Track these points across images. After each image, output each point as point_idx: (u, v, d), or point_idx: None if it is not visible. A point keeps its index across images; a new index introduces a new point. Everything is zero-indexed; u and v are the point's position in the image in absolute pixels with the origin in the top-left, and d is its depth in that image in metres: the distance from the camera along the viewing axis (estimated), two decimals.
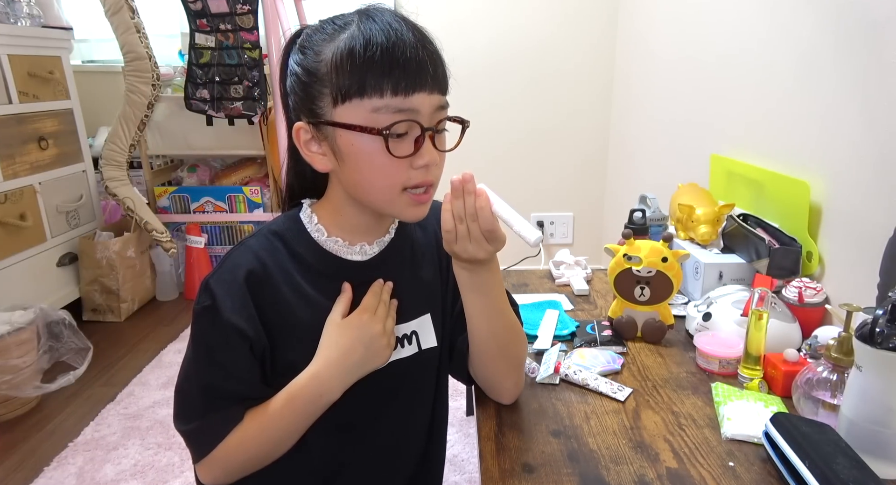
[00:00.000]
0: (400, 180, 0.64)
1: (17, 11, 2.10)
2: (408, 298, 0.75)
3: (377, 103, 0.61)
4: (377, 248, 0.73)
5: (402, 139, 0.63)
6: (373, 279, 0.73)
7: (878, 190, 0.92)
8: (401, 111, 0.61)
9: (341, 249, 0.71)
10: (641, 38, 2.14)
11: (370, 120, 0.61)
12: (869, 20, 0.94)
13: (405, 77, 0.61)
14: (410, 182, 0.65)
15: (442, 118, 0.66)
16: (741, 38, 1.38)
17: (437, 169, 0.67)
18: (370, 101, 0.61)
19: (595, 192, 2.65)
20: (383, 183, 0.65)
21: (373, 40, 0.60)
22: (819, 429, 0.65)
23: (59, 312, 1.88)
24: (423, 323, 0.76)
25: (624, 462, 0.68)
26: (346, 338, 0.67)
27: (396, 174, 0.64)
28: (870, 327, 0.62)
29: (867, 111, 0.95)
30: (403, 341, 0.75)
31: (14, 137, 2.02)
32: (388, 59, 0.60)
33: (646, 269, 0.95)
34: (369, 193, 0.67)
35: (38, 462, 1.54)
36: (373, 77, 0.60)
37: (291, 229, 0.72)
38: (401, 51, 0.60)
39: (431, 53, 0.63)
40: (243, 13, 2.27)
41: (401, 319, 0.74)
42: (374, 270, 0.73)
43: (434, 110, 0.64)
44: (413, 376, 0.76)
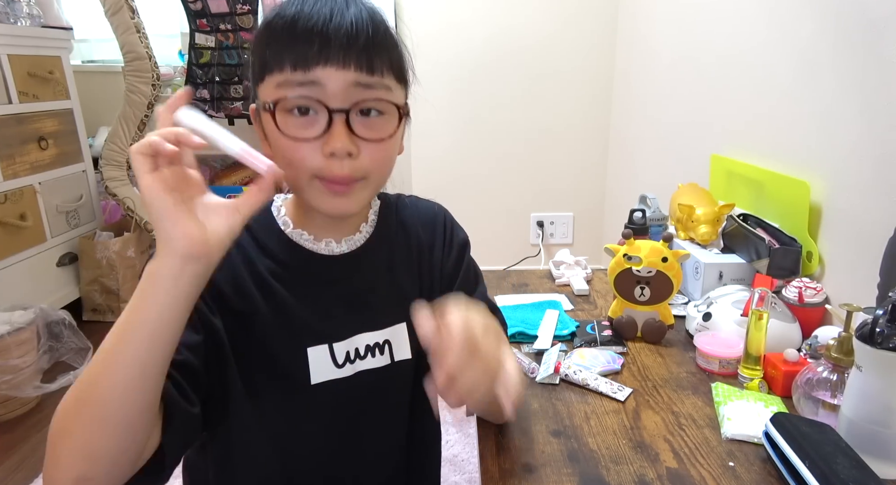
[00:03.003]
0: (309, 166, 0.58)
1: (17, 11, 2.10)
2: (381, 305, 0.70)
3: (279, 78, 0.57)
4: (345, 246, 0.68)
5: (306, 119, 0.57)
6: (343, 278, 0.68)
7: (878, 190, 0.92)
8: (301, 86, 0.56)
9: (306, 242, 0.67)
10: (641, 39, 2.14)
11: (273, 96, 0.57)
12: (868, 20, 0.94)
13: (305, 48, 0.55)
14: (322, 172, 0.58)
15: (365, 99, 0.58)
16: (741, 38, 1.38)
17: (361, 160, 0.59)
18: (274, 77, 0.57)
19: (595, 192, 2.65)
20: (292, 167, 0.58)
21: (283, 12, 0.57)
22: (819, 429, 0.64)
23: (59, 312, 1.88)
24: (398, 332, 0.70)
25: (624, 462, 0.68)
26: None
27: (304, 158, 0.58)
28: (870, 327, 0.62)
29: (867, 111, 0.95)
30: (374, 350, 0.69)
31: (14, 137, 2.02)
32: (290, 30, 0.56)
33: (646, 269, 0.95)
34: (287, 178, 0.60)
35: (37, 462, 1.54)
36: (274, 49, 0.57)
37: (259, 221, 0.67)
38: (305, 20, 0.56)
39: (353, 23, 0.56)
40: (243, 13, 2.27)
41: (373, 327, 0.69)
42: (344, 268, 0.68)
43: (348, 88, 0.57)
44: (384, 389, 0.70)
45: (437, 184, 2.65)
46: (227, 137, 0.49)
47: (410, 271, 0.73)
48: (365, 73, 0.57)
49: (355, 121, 0.58)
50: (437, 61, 2.46)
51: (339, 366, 0.66)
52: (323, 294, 0.67)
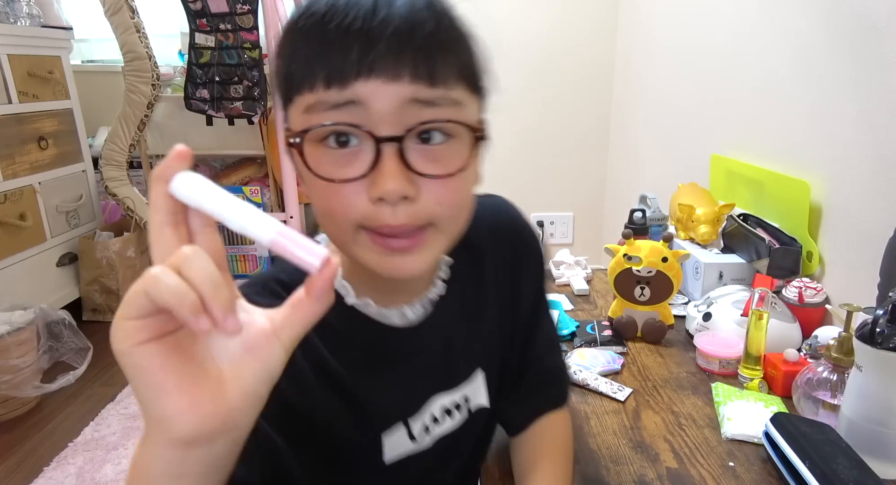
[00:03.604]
0: (353, 215, 0.42)
1: (16, 11, 2.10)
2: (458, 360, 0.58)
3: (308, 99, 0.41)
4: (421, 309, 0.55)
5: (345, 153, 0.42)
6: (421, 348, 0.55)
7: (878, 190, 0.92)
8: (337, 108, 0.40)
9: (374, 313, 0.53)
10: (642, 39, 2.14)
11: (301, 124, 0.42)
12: (868, 20, 0.94)
13: (340, 56, 0.39)
14: (370, 222, 0.42)
15: (426, 121, 0.41)
16: (741, 38, 1.38)
17: (424, 203, 0.42)
18: (303, 98, 0.42)
19: (595, 192, 2.65)
20: (330, 217, 0.44)
21: (310, 8, 0.41)
22: (819, 429, 0.64)
23: (58, 312, 1.88)
24: (474, 382, 0.60)
25: (624, 462, 0.68)
26: None
27: (347, 206, 0.42)
28: (870, 327, 0.62)
29: (867, 111, 0.95)
30: (452, 411, 0.58)
31: (14, 137, 2.02)
32: (319, 32, 0.40)
33: (646, 269, 0.95)
34: (327, 230, 0.47)
35: (37, 462, 1.54)
36: (301, 60, 0.41)
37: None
38: (339, 17, 0.39)
39: (406, 16, 0.40)
40: (243, 13, 2.27)
41: (449, 386, 0.58)
42: (422, 336, 0.55)
43: (401, 107, 0.40)
44: (460, 445, 0.60)
45: None
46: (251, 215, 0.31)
47: (489, 310, 0.61)
48: (425, 85, 0.41)
49: (412, 151, 0.41)
50: None
51: (415, 440, 0.56)
52: (396, 370, 0.55)
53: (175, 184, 0.32)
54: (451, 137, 0.44)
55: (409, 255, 0.44)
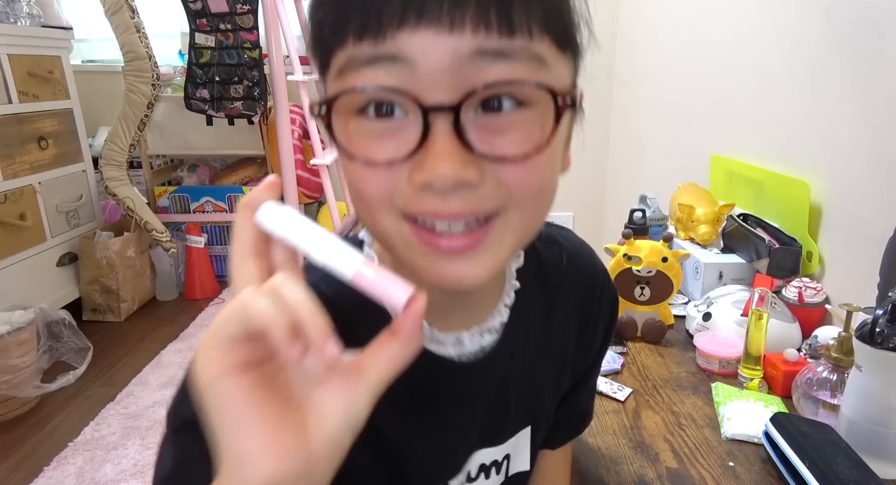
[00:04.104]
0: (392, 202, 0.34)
1: (16, 11, 2.10)
2: (511, 411, 0.49)
3: (341, 58, 0.32)
4: (480, 339, 0.44)
5: (386, 125, 0.32)
6: (476, 390, 0.45)
7: (877, 190, 0.92)
8: (373, 65, 0.31)
9: (428, 339, 0.42)
10: (642, 39, 2.14)
11: (335, 89, 0.33)
12: (869, 20, 0.94)
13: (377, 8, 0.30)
14: (407, 206, 0.33)
15: (493, 82, 0.31)
16: (741, 38, 1.38)
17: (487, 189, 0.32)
18: (336, 57, 0.33)
19: (595, 192, 2.65)
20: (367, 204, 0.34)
21: None
22: (819, 429, 0.64)
23: (58, 312, 1.89)
24: (520, 441, 0.50)
25: (624, 462, 0.68)
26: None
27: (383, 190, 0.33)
28: (870, 327, 0.62)
29: (867, 111, 0.95)
30: (490, 470, 0.49)
31: (14, 137, 2.02)
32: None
33: (646, 269, 0.95)
34: (365, 222, 0.37)
35: (37, 462, 1.54)
36: (331, 9, 0.32)
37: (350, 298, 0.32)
38: None
39: None
40: (243, 13, 2.27)
41: (494, 441, 0.48)
42: (477, 376, 0.45)
43: (460, 63, 0.30)
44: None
45: None
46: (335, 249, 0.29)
47: (551, 356, 0.51)
48: (495, 34, 0.30)
49: (473, 124, 0.32)
50: None
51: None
52: (442, 415, 0.44)
53: (262, 214, 0.30)
54: (529, 106, 0.32)
55: (465, 258, 0.34)
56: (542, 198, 0.36)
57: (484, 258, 0.34)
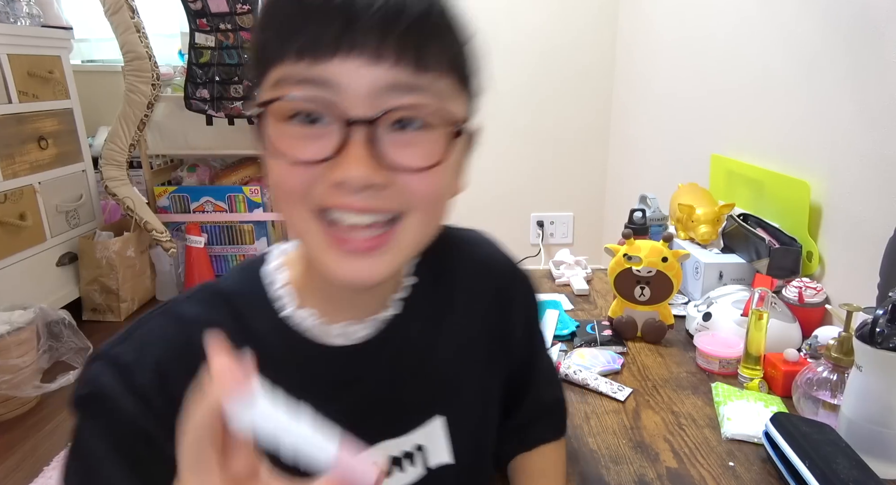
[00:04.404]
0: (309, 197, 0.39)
1: (16, 11, 2.10)
2: (413, 400, 0.51)
3: (277, 73, 0.38)
4: (369, 328, 0.48)
5: (312, 130, 0.38)
6: (362, 375, 0.48)
7: (878, 190, 0.92)
8: (307, 83, 0.37)
9: (315, 327, 0.46)
10: (642, 38, 2.14)
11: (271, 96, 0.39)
12: (869, 20, 0.94)
13: (317, 29, 0.36)
14: (321, 200, 0.39)
15: (403, 105, 0.38)
16: (741, 37, 1.38)
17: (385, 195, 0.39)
18: (274, 72, 0.38)
19: (595, 192, 2.65)
20: (286, 199, 0.40)
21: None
22: (819, 429, 0.65)
23: (58, 312, 1.88)
24: (433, 433, 0.51)
25: (624, 462, 0.68)
26: None
27: (302, 185, 0.39)
28: (870, 327, 0.62)
29: (867, 111, 0.95)
30: (402, 462, 0.50)
31: (14, 137, 2.02)
32: (297, 4, 0.37)
33: (646, 269, 0.95)
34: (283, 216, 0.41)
35: (37, 462, 1.54)
36: (274, 32, 0.38)
37: (244, 291, 0.47)
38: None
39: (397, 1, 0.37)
40: (243, 13, 2.27)
41: (400, 431, 0.50)
42: (365, 360, 0.48)
43: (379, 90, 0.37)
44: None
45: None
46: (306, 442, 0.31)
47: (464, 346, 0.53)
48: (410, 70, 0.37)
49: (385, 138, 0.38)
50: None
51: None
52: (332, 400, 0.45)
53: (237, 415, 0.30)
54: (430, 128, 0.39)
55: (367, 258, 0.40)
56: (438, 205, 0.43)
57: (384, 259, 0.41)
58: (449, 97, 0.40)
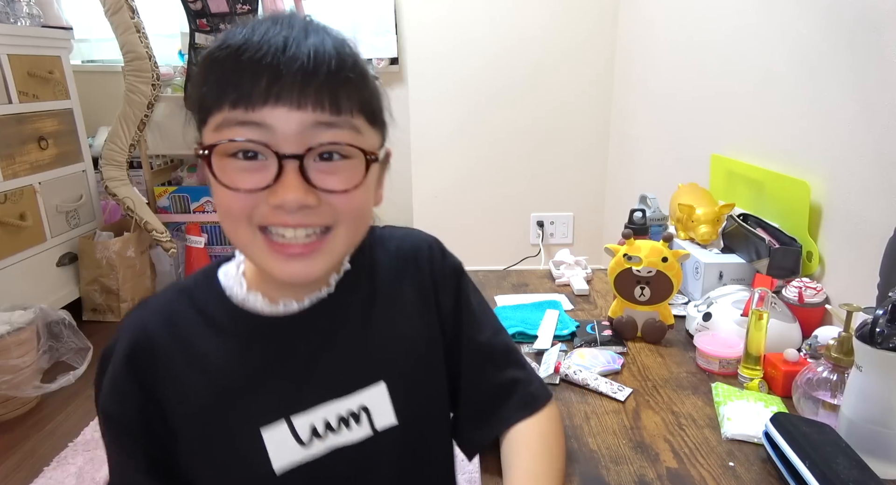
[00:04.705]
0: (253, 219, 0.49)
1: (16, 11, 2.10)
2: (352, 364, 0.58)
3: (217, 118, 0.48)
4: (307, 303, 0.57)
5: (251, 164, 0.48)
6: (301, 339, 0.57)
7: (878, 190, 0.92)
8: (244, 125, 0.47)
9: (259, 305, 0.56)
10: (642, 38, 2.14)
11: (212, 139, 0.48)
12: (869, 20, 0.94)
13: (250, 83, 0.46)
14: (263, 219, 0.49)
15: (325, 142, 0.48)
16: (741, 38, 1.38)
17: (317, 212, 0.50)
18: (214, 118, 0.48)
19: (595, 192, 2.65)
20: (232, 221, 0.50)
21: (227, 41, 0.48)
22: (819, 429, 0.65)
23: (58, 312, 1.88)
24: (376, 396, 0.58)
25: (624, 462, 0.68)
26: None
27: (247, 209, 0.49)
28: (870, 327, 0.62)
29: (867, 111, 0.95)
30: (349, 421, 0.57)
31: (14, 137, 2.02)
32: (233, 61, 0.46)
33: (646, 269, 0.95)
34: (230, 235, 0.52)
35: (37, 462, 1.54)
36: (214, 85, 0.48)
37: (201, 284, 0.58)
38: (253, 50, 0.46)
39: (312, 54, 0.47)
40: (243, 13, 2.27)
41: (343, 391, 0.57)
42: (299, 328, 0.57)
43: (304, 130, 0.47)
44: (370, 469, 0.58)
45: (437, 184, 2.65)
46: None
47: (394, 320, 0.61)
48: (328, 113, 0.48)
49: (312, 168, 0.48)
50: (436, 61, 2.46)
51: (303, 444, 0.55)
52: (277, 362, 0.56)
53: None
54: (350, 158, 0.50)
55: (303, 260, 0.51)
56: (361, 218, 0.54)
57: (318, 260, 0.51)
58: (362, 131, 0.51)
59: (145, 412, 0.54)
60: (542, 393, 0.67)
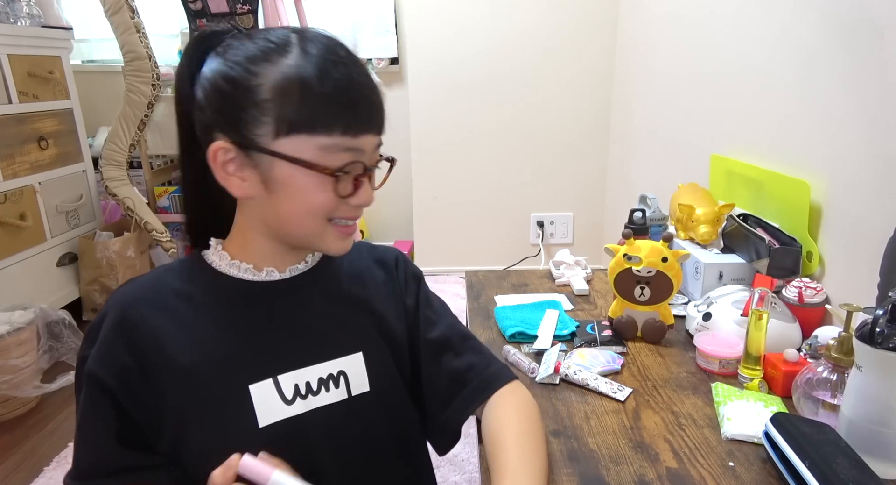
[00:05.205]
0: (332, 212, 0.61)
1: (16, 11, 2.10)
2: (332, 334, 0.66)
3: (325, 141, 0.57)
4: (288, 273, 0.66)
5: (345, 177, 0.60)
6: (284, 305, 0.65)
7: (878, 190, 0.92)
8: (349, 151, 0.58)
9: (244, 272, 0.64)
10: (642, 39, 2.14)
11: (318, 157, 0.57)
12: (869, 20, 0.94)
13: (358, 118, 0.58)
14: (338, 213, 0.61)
15: (379, 157, 0.64)
16: (741, 37, 1.38)
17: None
18: (319, 139, 0.57)
19: (595, 192, 2.65)
20: (314, 216, 0.61)
21: (328, 75, 0.56)
22: (819, 429, 0.65)
23: (59, 312, 1.88)
24: (353, 363, 0.65)
25: (624, 462, 0.68)
26: None
27: (329, 209, 0.60)
28: (870, 327, 0.62)
29: (867, 111, 0.95)
30: (328, 383, 0.63)
31: (14, 137, 2.02)
32: (345, 98, 0.57)
33: (646, 269, 0.95)
34: (298, 225, 0.61)
35: (38, 462, 1.54)
36: (327, 115, 0.57)
37: (185, 262, 0.66)
38: (356, 90, 0.58)
39: (378, 93, 0.60)
40: (243, 13, 2.27)
41: (325, 357, 0.64)
42: (281, 293, 0.65)
43: (374, 149, 0.62)
44: (344, 427, 0.64)
45: (437, 184, 2.65)
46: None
47: (365, 306, 0.70)
48: (381, 135, 0.62)
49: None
50: (437, 61, 2.46)
51: (288, 402, 0.61)
52: (263, 324, 0.63)
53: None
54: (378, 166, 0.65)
55: (350, 239, 0.65)
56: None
57: (353, 238, 0.66)
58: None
59: (129, 374, 0.58)
60: (502, 373, 0.71)
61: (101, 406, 0.58)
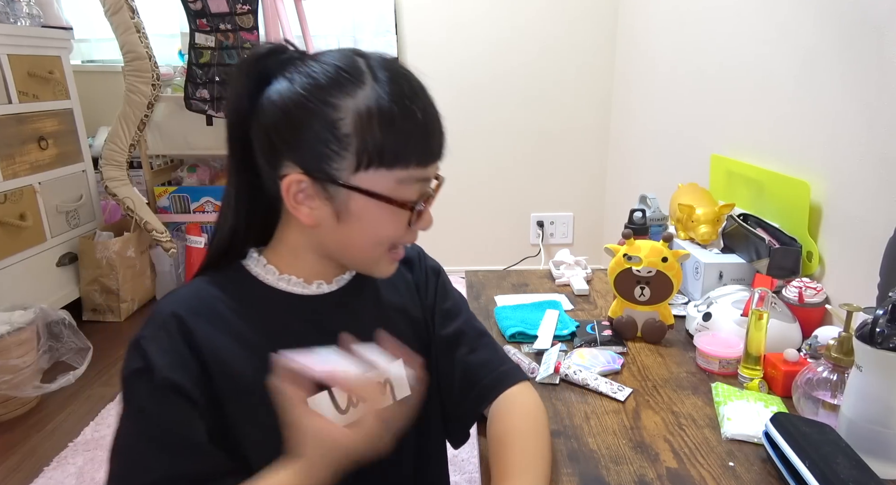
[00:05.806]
0: (397, 240, 0.63)
1: (16, 11, 2.10)
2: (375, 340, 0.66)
3: (402, 174, 0.58)
4: (335, 285, 0.68)
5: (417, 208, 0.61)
6: (335, 317, 0.65)
7: (878, 190, 0.92)
8: (420, 181, 0.60)
9: (294, 286, 0.65)
10: (641, 39, 2.14)
11: (394, 190, 0.59)
12: (869, 20, 0.94)
13: (431, 149, 0.60)
14: (402, 240, 0.64)
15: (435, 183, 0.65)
16: (741, 38, 1.38)
17: None
18: (396, 172, 0.58)
19: (595, 192, 2.65)
20: (381, 245, 0.63)
21: (406, 109, 0.57)
22: (819, 429, 0.65)
23: (59, 312, 1.88)
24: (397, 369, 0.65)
25: (624, 462, 0.68)
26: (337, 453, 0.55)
27: (397, 238, 0.63)
28: (870, 327, 0.62)
29: (868, 111, 0.95)
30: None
31: (14, 137, 2.02)
32: (423, 132, 0.59)
33: (646, 269, 0.95)
34: (361, 251, 0.63)
35: (38, 462, 1.54)
36: (407, 149, 0.58)
37: (229, 274, 0.65)
38: (432, 123, 0.60)
39: (442, 120, 0.62)
40: (243, 13, 2.27)
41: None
42: (331, 305, 0.66)
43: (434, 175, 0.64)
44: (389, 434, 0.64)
45: None
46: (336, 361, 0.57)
47: (403, 312, 0.72)
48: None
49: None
50: (437, 61, 2.46)
51: (343, 411, 0.61)
52: (315, 337, 0.61)
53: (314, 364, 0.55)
54: None
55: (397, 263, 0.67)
56: None
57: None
58: None
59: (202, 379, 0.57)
60: (515, 373, 0.73)
61: (185, 410, 0.56)
